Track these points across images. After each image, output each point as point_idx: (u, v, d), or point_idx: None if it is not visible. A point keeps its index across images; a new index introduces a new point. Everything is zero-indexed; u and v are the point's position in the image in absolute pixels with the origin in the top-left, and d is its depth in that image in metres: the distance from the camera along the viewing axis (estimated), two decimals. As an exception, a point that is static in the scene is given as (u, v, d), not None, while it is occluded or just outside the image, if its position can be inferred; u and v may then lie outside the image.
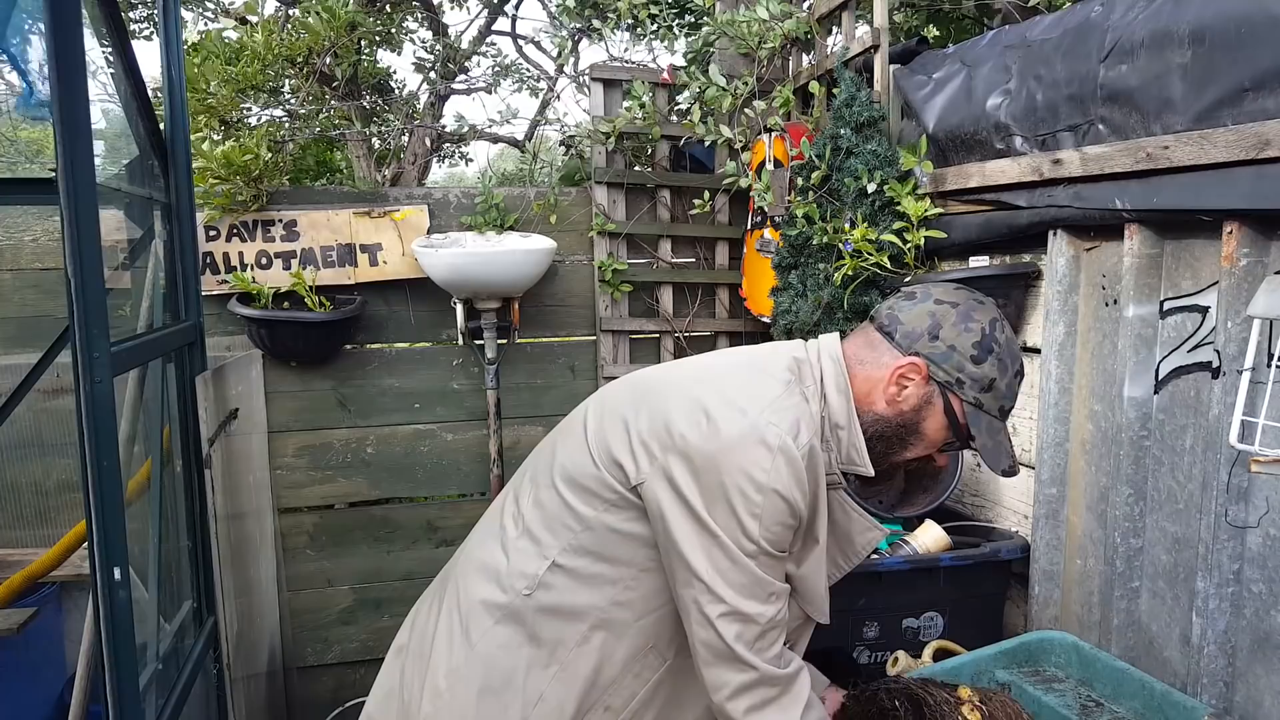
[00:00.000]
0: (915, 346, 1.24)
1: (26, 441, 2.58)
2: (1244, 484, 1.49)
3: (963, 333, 1.24)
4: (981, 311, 1.27)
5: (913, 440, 1.28)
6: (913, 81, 2.29)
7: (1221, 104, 1.47)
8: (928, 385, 1.24)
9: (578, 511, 1.21)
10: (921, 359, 1.23)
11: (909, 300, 1.29)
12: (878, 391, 1.25)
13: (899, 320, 1.27)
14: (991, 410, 1.26)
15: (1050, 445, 1.92)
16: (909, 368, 1.24)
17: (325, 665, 2.97)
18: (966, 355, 1.23)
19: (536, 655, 1.21)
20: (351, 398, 2.91)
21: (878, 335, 1.28)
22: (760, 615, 1.14)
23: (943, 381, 1.24)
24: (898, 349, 1.25)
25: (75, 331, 1.30)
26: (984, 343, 1.23)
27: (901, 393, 1.24)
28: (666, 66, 3.00)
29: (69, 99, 1.27)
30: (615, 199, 2.97)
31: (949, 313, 1.25)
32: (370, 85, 3.56)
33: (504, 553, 1.25)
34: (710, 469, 1.12)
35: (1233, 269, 1.47)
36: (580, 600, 1.20)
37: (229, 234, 2.70)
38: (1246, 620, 1.51)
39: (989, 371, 1.23)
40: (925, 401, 1.24)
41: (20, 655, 2.38)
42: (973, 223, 2.09)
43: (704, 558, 1.12)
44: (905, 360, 1.24)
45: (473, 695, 1.21)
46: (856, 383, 1.26)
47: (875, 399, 1.25)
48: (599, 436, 1.23)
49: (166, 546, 1.87)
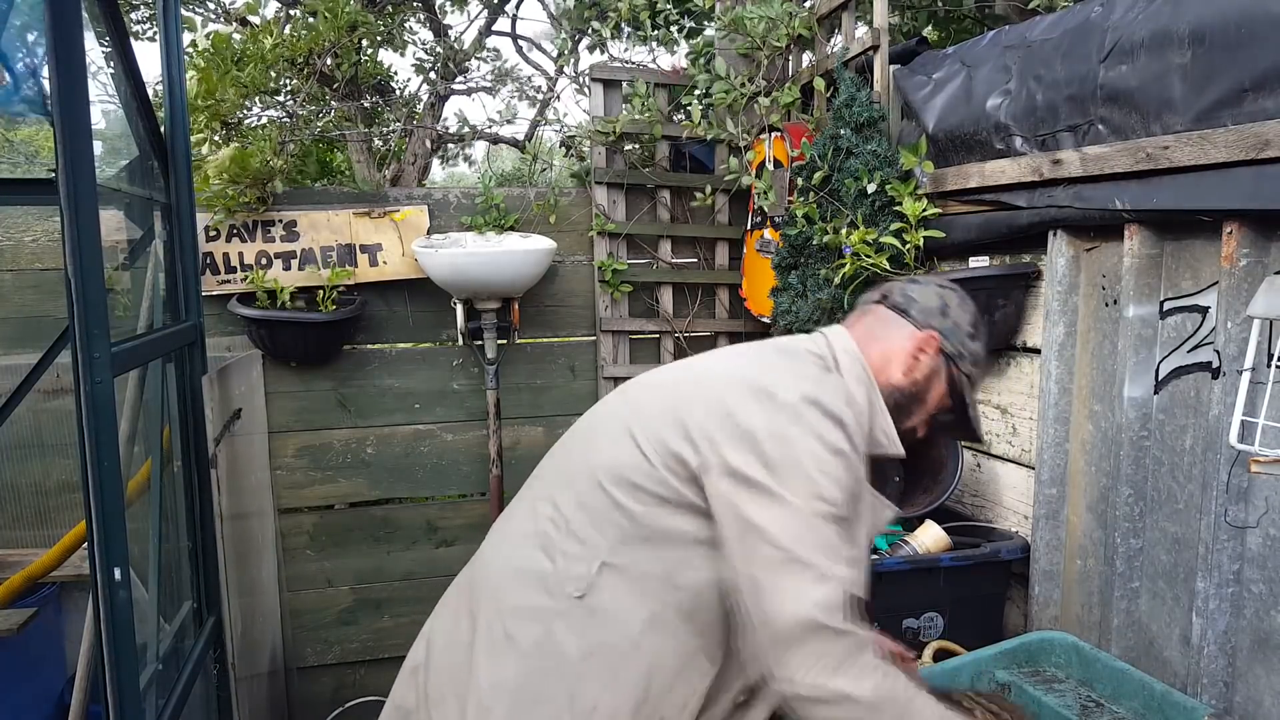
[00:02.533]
0: (930, 322, 1.35)
1: (26, 441, 2.58)
2: (1244, 484, 1.49)
3: (964, 312, 1.38)
4: (968, 299, 1.42)
5: (916, 409, 1.36)
6: (913, 82, 2.29)
7: (1221, 104, 1.47)
8: (937, 357, 1.35)
9: (628, 509, 1.19)
10: (936, 332, 1.34)
11: (916, 285, 1.41)
12: (895, 363, 1.34)
13: (914, 299, 1.37)
14: (976, 383, 1.40)
15: (1050, 445, 1.92)
16: (927, 340, 1.34)
17: (325, 665, 2.97)
18: (967, 332, 1.36)
19: (588, 663, 1.17)
20: (352, 398, 2.91)
21: (890, 313, 1.37)
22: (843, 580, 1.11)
23: (949, 354, 1.35)
24: (914, 324, 1.35)
25: (75, 331, 1.30)
26: (977, 323, 1.39)
27: (917, 363, 1.34)
28: (673, 64, 3.00)
29: (69, 99, 1.27)
30: (615, 199, 2.97)
31: (951, 295, 1.39)
32: (370, 86, 3.56)
33: (548, 557, 1.22)
34: (779, 440, 1.14)
35: (1233, 269, 1.47)
36: (631, 602, 1.17)
37: (229, 234, 2.70)
38: (1246, 620, 1.51)
39: (980, 349, 1.38)
40: (934, 372, 1.35)
41: (20, 655, 2.37)
42: (973, 223, 2.09)
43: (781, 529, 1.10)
44: (924, 333, 1.34)
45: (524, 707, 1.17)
46: (873, 358, 1.34)
47: (892, 370, 1.34)
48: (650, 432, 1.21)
49: (166, 546, 1.87)
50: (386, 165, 4.07)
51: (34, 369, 2.21)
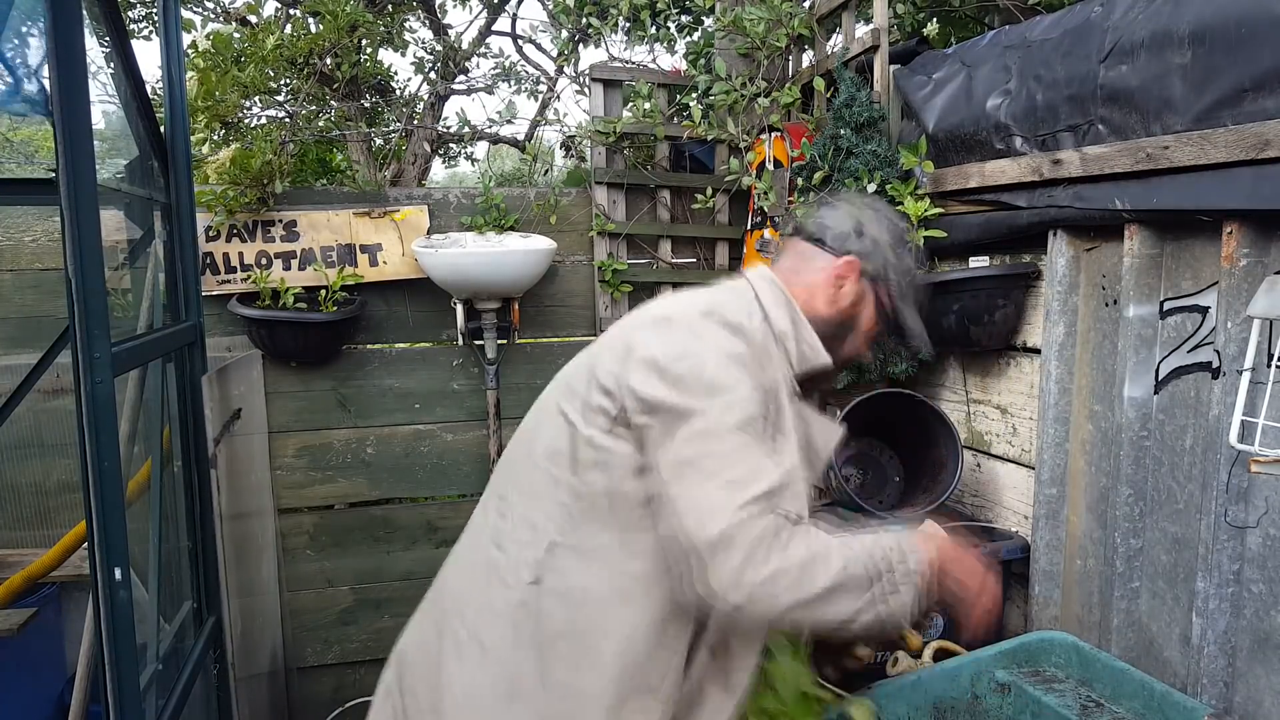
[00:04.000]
0: (847, 245, 1.33)
1: (26, 441, 2.58)
2: (1244, 484, 1.49)
3: (881, 228, 1.35)
4: (889, 211, 1.40)
5: (852, 335, 1.35)
6: (913, 82, 2.29)
7: (1221, 104, 1.47)
8: (860, 280, 1.32)
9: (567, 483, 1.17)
10: (854, 256, 1.32)
11: (829, 209, 1.38)
12: (819, 295, 1.32)
13: (827, 226, 1.35)
14: (909, 296, 1.37)
15: (1050, 445, 1.92)
16: (845, 266, 1.32)
17: (325, 665, 2.97)
18: (888, 247, 1.34)
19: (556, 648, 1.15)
20: (351, 398, 2.91)
21: (807, 245, 1.36)
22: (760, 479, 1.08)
23: (873, 275, 1.33)
24: (831, 252, 1.33)
25: (75, 332, 1.30)
26: (898, 234, 1.36)
27: (840, 291, 1.32)
28: (670, 73, 3.00)
29: (69, 99, 1.27)
30: (615, 199, 2.97)
31: (867, 212, 1.36)
32: (370, 85, 3.56)
33: (500, 549, 1.22)
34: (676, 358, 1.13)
35: (1233, 269, 1.48)
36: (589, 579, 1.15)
37: (229, 234, 2.70)
38: (1246, 620, 1.51)
39: (907, 261, 1.35)
40: (860, 296, 1.33)
41: (20, 655, 2.37)
42: (973, 223, 2.10)
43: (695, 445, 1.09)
44: (841, 260, 1.32)
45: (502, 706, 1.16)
46: (796, 293, 1.31)
47: (817, 303, 1.32)
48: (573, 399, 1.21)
49: (167, 546, 1.87)
50: (387, 165, 4.07)
51: (34, 369, 2.21)
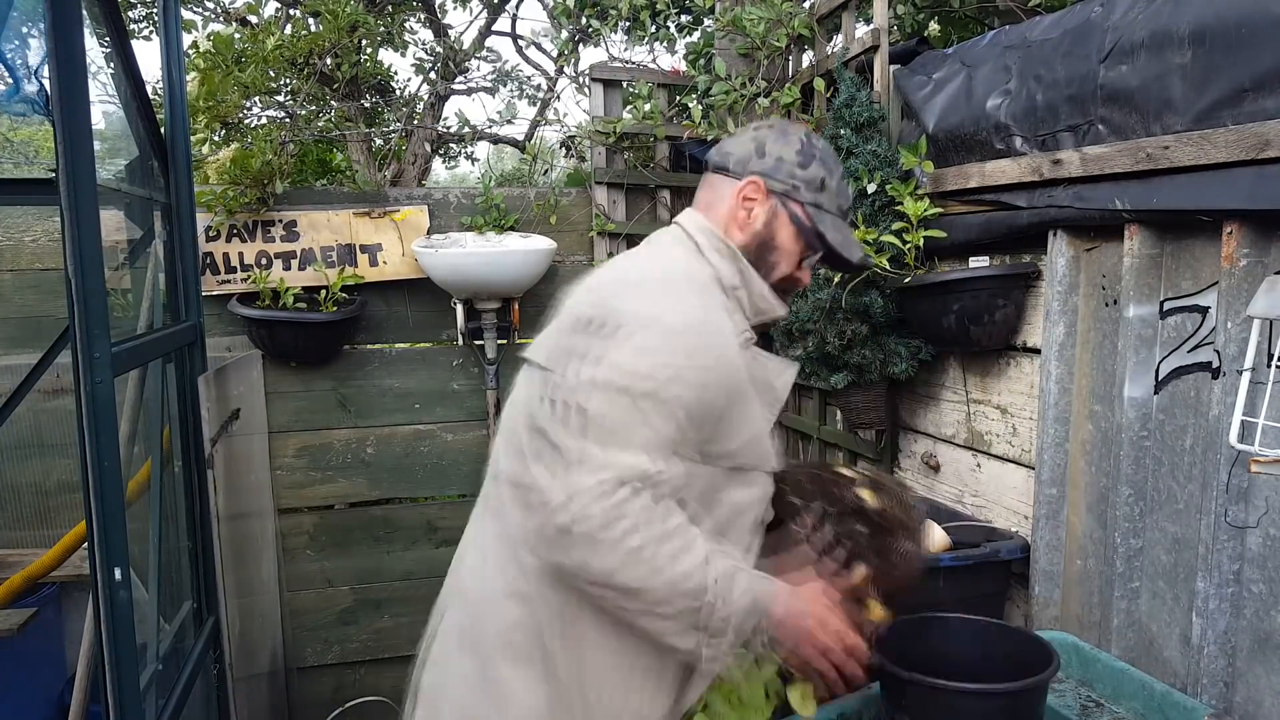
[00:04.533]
0: (749, 167, 1.32)
1: (26, 441, 2.58)
2: (1244, 484, 1.49)
3: (784, 145, 1.33)
4: (794, 127, 1.38)
5: (774, 257, 1.33)
6: (913, 82, 2.29)
7: (1221, 104, 1.47)
8: (769, 199, 1.31)
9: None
10: (757, 175, 1.31)
11: (731, 138, 1.39)
12: (731, 223, 1.31)
13: (729, 153, 1.34)
14: (830, 208, 1.34)
15: (1050, 445, 1.92)
16: (748, 187, 1.31)
17: (325, 665, 2.97)
18: (794, 162, 1.31)
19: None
20: (351, 398, 2.91)
21: (715, 176, 1.35)
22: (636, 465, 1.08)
23: (780, 192, 1.31)
24: (734, 177, 1.32)
25: (75, 332, 1.30)
26: (805, 149, 1.33)
27: (750, 215, 1.31)
28: (670, 73, 3.00)
29: (69, 99, 1.27)
30: (615, 199, 2.97)
31: (767, 132, 1.35)
32: (370, 86, 3.56)
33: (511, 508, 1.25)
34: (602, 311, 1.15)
35: (1233, 269, 1.47)
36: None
37: (229, 234, 2.70)
38: (1246, 620, 1.51)
39: (817, 172, 1.32)
40: (772, 215, 1.31)
41: (20, 655, 2.38)
42: (973, 223, 2.09)
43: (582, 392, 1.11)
44: (743, 182, 1.31)
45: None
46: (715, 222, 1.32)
47: (731, 231, 1.31)
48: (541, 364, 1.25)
49: (166, 546, 1.87)
50: (387, 165, 4.07)
51: (34, 369, 2.21)
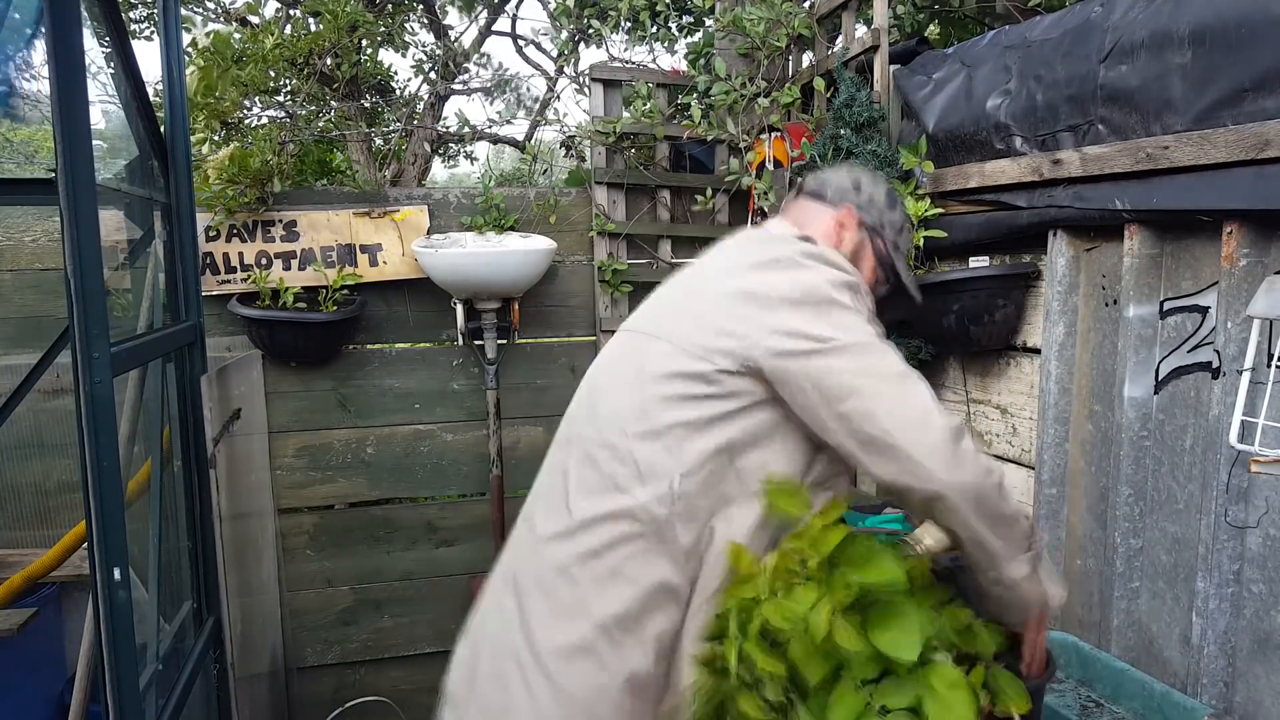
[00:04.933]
0: (846, 199, 1.41)
1: (26, 441, 2.58)
2: (1244, 484, 1.49)
3: (877, 187, 1.43)
4: (881, 176, 1.49)
5: None
6: (913, 82, 2.29)
7: (1221, 104, 1.47)
8: (859, 231, 1.40)
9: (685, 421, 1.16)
10: (853, 207, 1.40)
11: (826, 170, 1.48)
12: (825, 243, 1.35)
13: (826, 182, 1.43)
14: (904, 250, 1.45)
15: (1050, 445, 1.92)
16: (846, 215, 1.39)
17: (326, 665, 2.97)
18: (884, 203, 1.42)
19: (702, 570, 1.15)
20: (351, 398, 2.91)
21: (809, 201, 1.43)
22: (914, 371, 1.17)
23: (871, 225, 1.40)
24: (831, 206, 1.41)
25: (75, 332, 1.30)
26: (892, 195, 1.44)
27: (843, 239, 1.39)
28: (670, 73, 3.00)
29: (69, 99, 1.27)
30: (615, 199, 2.97)
31: (861, 171, 1.46)
32: (371, 86, 3.56)
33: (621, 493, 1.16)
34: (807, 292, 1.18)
35: (1233, 269, 1.48)
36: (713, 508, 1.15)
37: (229, 234, 2.70)
38: (1246, 620, 1.51)
39: (899, 217, 1.44)
40: (860, 245, 1.40)
41: (20, 655, 2.37)
42: (973, 223, 2.09)
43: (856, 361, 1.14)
44: (842, 210, 1.40)
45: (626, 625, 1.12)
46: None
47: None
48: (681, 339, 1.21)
49: (166, 546, 1.87)
50: (387, 165, 4.07)
51: (34, 369, 2.21)
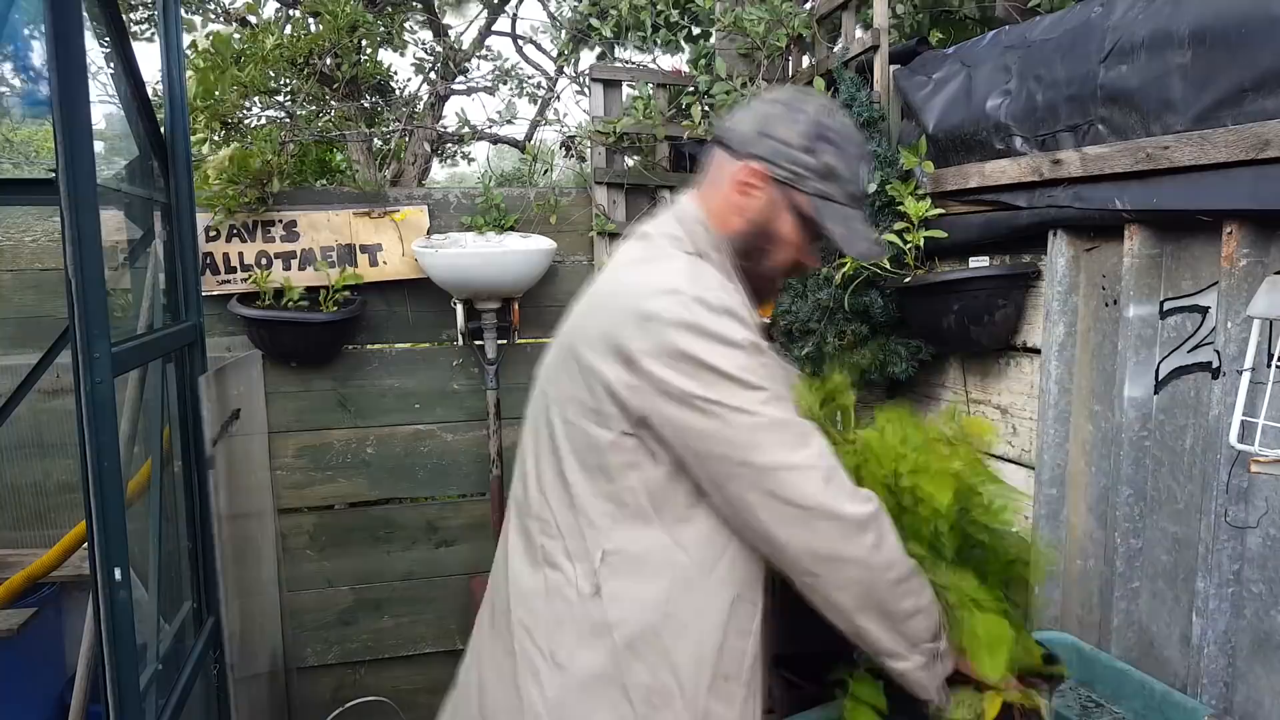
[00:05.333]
0: (749, 148, 1.20)
1: (26, 441, 2.58)
2: (1244, 484, 1.49)
3: (791, 124, 1.20)
4: (808, 100, 1.23)
5: (773, 246, 1.24)
6: (913, 82, 2.29)
7: (1221, 104, 1.47)
8: (770, 188, 1.20)
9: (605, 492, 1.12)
10: (756, 160, 1.20)
11: (743, 108, 1.26)
12: (731, 209, 1.22)
13: (731, 128, 1.24)
14: (839, 198, 1.22)
15: (1050, 445, 1.92)
16: (746, 173, 1.20)
17: (326, 665, 2.97)
18: (799, 147, 1.19)
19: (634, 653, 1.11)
20: (351, 398, 2.91)
21: (719, 151, 1.25)
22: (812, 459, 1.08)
23: (782, 180, 1.20)
24: (735, 157, 1.22)
25: (75, 332, 1.30)
26: (814, 131, 1.19)
27: (747, 201, 1.21)
28: (670, 74, 3.00)
29: (69, 99, 1.27)
30: (615, 199, 2.97)
31: (775, 107, 1.22)
32: (370, 86, 3.56)
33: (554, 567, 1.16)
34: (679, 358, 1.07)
35: (1233, 269, 1.48)
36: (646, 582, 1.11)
37: (229, 234, 2.70)
38: (1246, 620, 1.51)
39: (825, 158, 1.20)
40: (772, 204, 1.21)
41: (20, 655, 2.37)
42: (973, 223, 2.10)
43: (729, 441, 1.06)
44: (741, 165, 1.21)
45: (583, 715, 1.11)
46: (714, 208, 1.23)
47: (731, 217, 1.22)
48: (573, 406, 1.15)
49: (166, 547, 1.87)
50: (386, 165, 4.07)
51: (34, 369, 2.22)
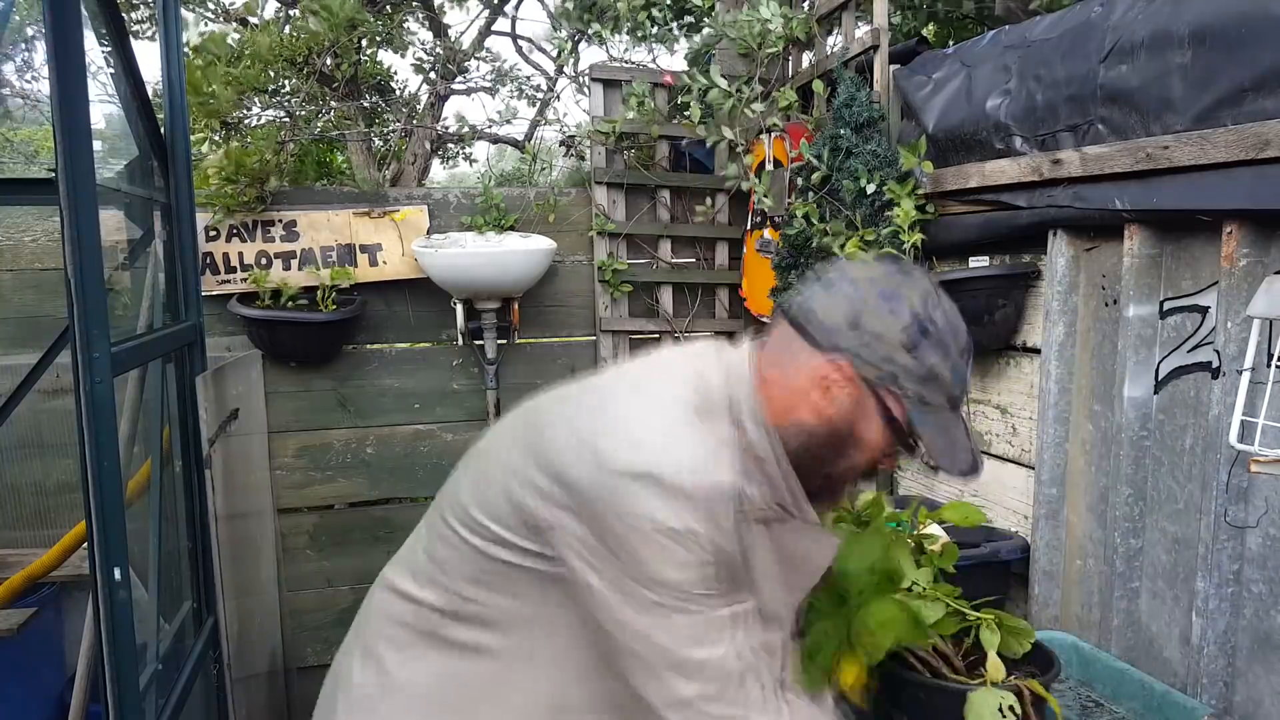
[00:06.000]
0: (835, 341, 1.02)
1: (26, 441, 2.58)
2: (1244, 484, 1.49)
3: (888, 316, 1.01)
4: (910, 286, 1.04)
5: (851, 450, 1.07)
6: (912, 82, 2.29)
7: (1221, 104, 1.47)
8: (856, 386, 1.03)
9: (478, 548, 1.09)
10: (844, 356, 1.02)
11: (823, 286, 1.07)
12: (801, 402, 1.05)
13: (813, 311, 1.05)
14: (937, 403, 1.03)
15: (1050, 445, 1.92)
16: (830, 369, 1.02)
17: (325, 665, 2.91)
18: (897, 344, 1.01)
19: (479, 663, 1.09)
20: (351, 398, 2.91)
21: (791, 331, 1.07)
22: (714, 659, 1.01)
23: (873, 379, 1.02)
24: (815, 347, 1.04)
25: (75, 332, 1.30)
26: (916, 324, 1.01)
27: (829, 399, 1.04)
28: (667, 72, 3.00)
29: (69, 99, 1.27)
30: (615, 199, 2.97)
31: (870, 294, 1.03)
32: (370, 85, 3.56)
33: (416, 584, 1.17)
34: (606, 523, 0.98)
35: (1232, 269, 1.48)
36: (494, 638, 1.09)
37: (229, 234, 2.70)
38: (1246, 620, 1.52)
39: (928, 358, 1.01)
40: (856, 404, 1.03)
41: (20, 655, 2.37)
42: (973, 223, 2.10)
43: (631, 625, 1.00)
44: (824, 360, 1.03)
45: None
46: (774, 394, 1.06)
47: (799, 410, 1.05)
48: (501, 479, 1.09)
49: (166, 546, 1.87)
50: (386, 165, 4.07)
51: (34, 369, 2.21)
